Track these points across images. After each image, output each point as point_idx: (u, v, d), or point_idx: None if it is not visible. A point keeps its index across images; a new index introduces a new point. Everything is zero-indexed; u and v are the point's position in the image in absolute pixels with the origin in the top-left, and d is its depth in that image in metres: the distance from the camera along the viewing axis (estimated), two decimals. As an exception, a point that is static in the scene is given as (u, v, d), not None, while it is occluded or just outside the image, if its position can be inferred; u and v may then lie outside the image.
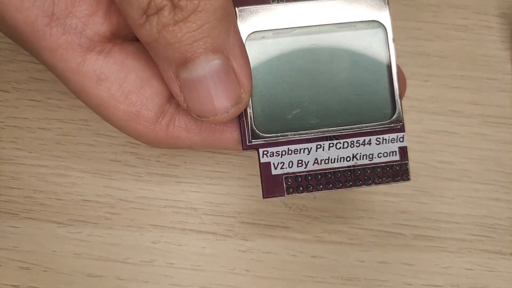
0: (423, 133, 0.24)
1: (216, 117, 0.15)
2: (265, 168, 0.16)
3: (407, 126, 0.24)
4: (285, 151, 0.16)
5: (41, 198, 0.23)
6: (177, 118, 0.16)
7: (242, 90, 0.15)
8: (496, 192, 0.23)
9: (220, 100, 0.14)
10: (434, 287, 0.23)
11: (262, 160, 0.16)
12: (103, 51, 0.15)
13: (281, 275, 0.23)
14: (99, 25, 0.15)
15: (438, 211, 0.23)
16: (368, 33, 0.16)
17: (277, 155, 0.16)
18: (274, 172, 0.16)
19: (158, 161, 0.23)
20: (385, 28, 0.16)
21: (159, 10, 0.13)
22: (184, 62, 0.14)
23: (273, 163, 0.16)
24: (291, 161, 0.16)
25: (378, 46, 0.16)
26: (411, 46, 0.25)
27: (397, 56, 0.24)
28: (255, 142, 0.16)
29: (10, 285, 0.23)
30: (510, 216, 0.23)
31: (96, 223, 0.23)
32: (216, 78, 0.14)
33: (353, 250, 0.23)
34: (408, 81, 0.24)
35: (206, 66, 0.14)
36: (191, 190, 0.23)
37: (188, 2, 0.13)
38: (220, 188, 0.23)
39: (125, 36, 0.16)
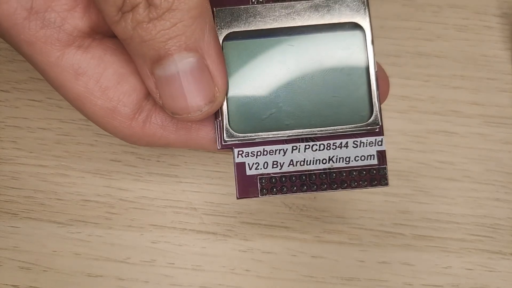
0: (423, 133, 0.24)
1: (189, 115, 0.15)
2: (239, 168, 0.16)
3: (407, 126, 0.24)
4: (260, 151, 0.16)
5: (41, 198, 0.23)
6: (153, 115, 0.16)
7: (216, 89, 0.15)
8: (496, 192, 0.23)
9: (193, 98, 0.15)
10: (434, 287, 0.23)
11: (237, 160, 0.16)
12: (82, 46, 0.15)
13: (281, 275, 0.23)
14: (78, 20, 0.15)
15: (438, 211, 0.23)
16: (346, 35, 0.16)
17: (252, 155, 0.16)
18: (248, 172, 0.16)
19: (158, 161, 0.23)
20: (363, 30, 0.16)
21: (133, 7, 0.13)
22: (158, 59, 0.14)
23: (248, 163, 0.16)
24: (266, 162, 0.16)
25: (357, 48, 0.16)
26: (411, 46, 0.25)
27: (398, 56, 0.24)
28: (230, 141, 0.16)
29: (10, 285, 0.23)
30: (510, 216, 0.23)
31: (96, 223, 0.23)
32: (190, 76, 0.14)
33: (353, 250, 0.23)
34: (408, 81, 0.24)
35: (180, 64, 0.14)
36: (191, 190, 0.23)
37: (163, 0, 0.13)
38: (220, 188, 0.23)
39: (105, 32, 0.16)
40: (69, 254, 0.23)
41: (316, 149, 0.16)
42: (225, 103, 0.16)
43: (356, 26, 0.16)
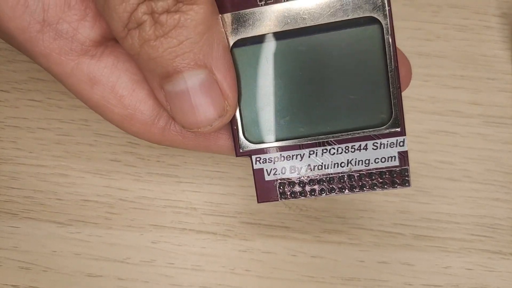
0: (423, 133, 0.24)
1: (200, 130, 0.15)
2: (258, 174, 0.16)
3: (407, 126, 0.24)
4: (277, 157, 0.16)
5: (41, 198, 0.23)
6: (172, 123, 0.16)
7: (226, 103, 0.15)
8: (496, 192, 0.23)
9: (203, 113, 0.15)
10: (434, 287, 0.23)
11: (255, 167, 0.16)
12: (95, 56, 0.15)
13: (281, 275, 0.23)
14: (89, 29, 0.15)
15: (438, 211, 0.23)
16: (361, 31, 0.15)
17: (270, 161, 0.16)
18: (267, 178, 0.16)
19: (158, 161, 0.23)
20: (380, 23, 0.15)
21: (139, 24, 0.13)
22: (167, 76, 0.14)
23: (266, 169, 0.16)
24: (284, 167, 0.16)
25: (374, 44, 0.15)
26: (411, 46, 0.24)
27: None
28: (246, 149, 0.16)
29: (10, 285, 0.23)
30: (510, 216, 0.23)
31: (96, 223, 0.23)
32: (199, 92, 0.14)
33: (353, 250, 0.23)
34: (408, 81, 0.24)
35: (189, 80, 0.14)
36: (191, 190, 0.23)
37: (169, 18, 0.13)
38: (220, 188, 0.23)
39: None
40: (69, 254, 0.23)
41: (334, 153, 0.16)
42: (238, 113, 0.16)
43: (371, 21, 0.15)
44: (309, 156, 0.16)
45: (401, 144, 0.16)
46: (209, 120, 0.15)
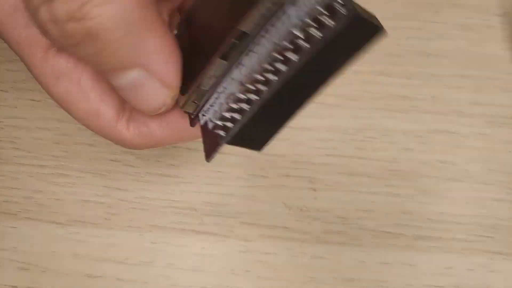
0: (425, 133, 0.24)
1: (151, 114, 0.15)
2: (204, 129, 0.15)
3: (408, 126, 0.24)
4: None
5: (40, 198, 0.23)
6: (135, 113, 0.16)
7: (168, 91, 0.14)
8: (498, 192, 0.23)
9: (147, 105, 0.14)
10: (435, 288, 0.23)
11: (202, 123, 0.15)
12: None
13: (281, 275, 0.23)
14: None
15: (439, 212, 0.23)
16: None
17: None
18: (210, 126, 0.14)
19: (157, 161, 0.23)
20: None
21: (45, 31, 0.12)
22: (102, 73, 0.14)
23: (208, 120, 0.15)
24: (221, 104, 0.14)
25: None
26: (412, 45, 0.24)
27: (399, 55, 0.23)
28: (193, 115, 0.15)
29: (9, 285, 0.22)
30: (512, 216, 0.23)
31: (95, 224, 0.23)
32: (137, 90, 0.14)
33: (354, 251, 0.23)
34: (409, 81, 0.24)
35: (122, 80, 0.13)
36: (191, 190, 0.23)
37: (75, 28, 0.12)
38: (220, 188, 0.23)
39: None
40: (68, 255, 0.23)
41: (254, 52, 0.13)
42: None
43: None
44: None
45: None
46: (154, 109, 0.14)
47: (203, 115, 0.15)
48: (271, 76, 0.13)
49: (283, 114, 0.14)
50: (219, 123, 0.14)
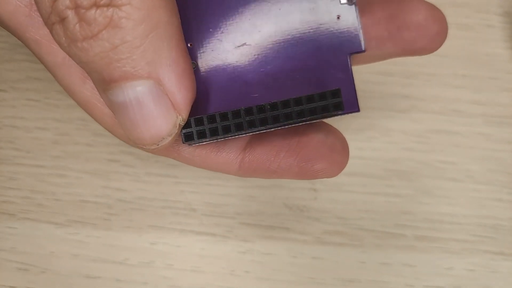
0: (425, 133, 0.24)
1: (145, 147, 0.13)
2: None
3: (408, 126, 0.24)
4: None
5: (39, 198, 0.23)
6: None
7: (179, 117, 0.12)
8: (499, 192, 0.23)
9: (147, 131, 0.12)
10: (435, 289, 0.23)
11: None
12: None
13: (281, 276, 0.22)
14: None
15: (440, 212, 0.23)
16: None
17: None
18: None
19: (157, 161, 0.23)
20: None
21: (62, 19, 0.11)
22: (105, 83, 0.12)
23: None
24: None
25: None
26: (412, 45, 0.24)
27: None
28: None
29: (7, 286, 0.22)
30: (513, 216, 0.23)
31: (94, 224, 0.23)
32: (141, 108, 0.12)
33: (354, 251, 0.23)
34: (409, 81, 0.24)
35: (128, 93, 0.12)
36: (190, 191, 0.23)
37: (98, 15, 0.10)
38: (219, 188, 0.23)
39: None
40: (67, 255, 0.23)
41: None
42: None
43: None
44: None
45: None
46: (155, 138, 0.12)
47: None
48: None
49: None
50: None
